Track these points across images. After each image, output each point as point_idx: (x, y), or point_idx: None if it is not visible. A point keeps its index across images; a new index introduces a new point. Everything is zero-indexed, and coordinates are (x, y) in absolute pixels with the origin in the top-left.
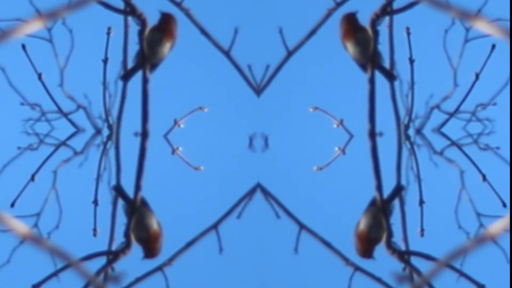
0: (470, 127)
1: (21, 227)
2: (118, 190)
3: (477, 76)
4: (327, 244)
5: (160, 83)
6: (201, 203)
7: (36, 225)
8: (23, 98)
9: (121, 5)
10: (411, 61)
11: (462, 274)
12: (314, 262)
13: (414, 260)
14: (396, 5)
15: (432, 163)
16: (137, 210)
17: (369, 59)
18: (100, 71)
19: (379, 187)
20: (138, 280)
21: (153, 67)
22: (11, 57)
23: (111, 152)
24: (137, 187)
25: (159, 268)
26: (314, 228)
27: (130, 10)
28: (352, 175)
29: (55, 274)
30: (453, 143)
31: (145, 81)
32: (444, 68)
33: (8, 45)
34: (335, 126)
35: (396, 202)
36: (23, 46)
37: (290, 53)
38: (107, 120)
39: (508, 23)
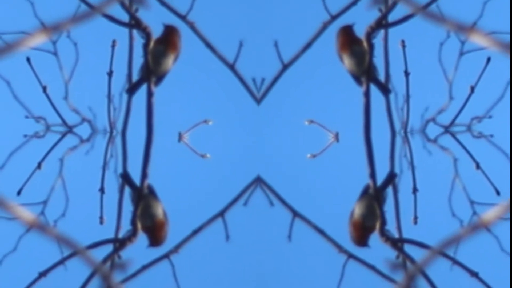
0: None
1: (28, 215)
2: (125, 178)
3: (472, 89)
4: (321, 232)
5: (165, 96)
6: (208, 190)
7: (42, 213)
8: (27, 111)
9: (126, 18)
10: (406, 74)
11: (455, 262)
12: (307, 250)
13: (408, 248)
14: (391, 18)
15: (425, 151)
16: (143, 197)
17: (365, 72)
18: (105, 84)
19: (372, 175)
20: (144, 267)
21: (158, 80)
22: (16, 70)
23: (118, 140)
24: (144, 175)
25: (166, 256)
26: (308, 216)
27: (135, 23)
28: (345, 163)
29: (61, 262)
30: (447, 130)
31: (149, 94)
32: (439, 81)
33: (12, 58)
34: (330, 139)
35: (389, 190)
36: (28, 59)
37: (285, 66)
38: (111, 133)
39: (505, 35)
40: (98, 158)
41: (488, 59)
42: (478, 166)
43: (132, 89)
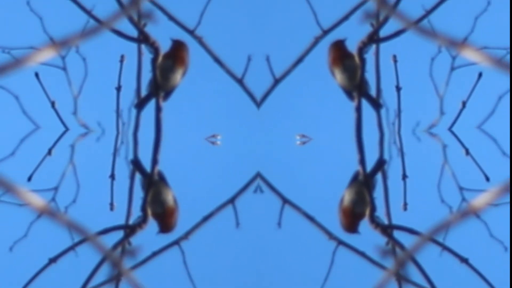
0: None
1: (38, 201)
2: (136, 164)
3: (464, 104)
4: (311, 219)
5: (173, 111)
6: (218, 177)
7: (53, 199)
8: (36, 126)
9: (134, 33)
10: (398, 89)
11: (445, 248)
12: (297, 237)
13: (397, 234)
14: (383, 33)
15: (415, 137)
16: (154, 184)
17: (356, 87)
18: (114, 99)
19: (362, 161)
20: (154, 254)
21: (167, 95)
22: (25, 85)
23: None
24: (154, 161)
25: (176, 242)
26: (297, 203)
27: (143, 38)
28: (335, 149)
29: (72, 248)
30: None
31: (158, 109)
32: (431, 96)
33: (21, 73)
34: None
35: (379, 176)
36: (36, 74)
37: (277, 81)
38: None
39: (496, 50)
40: (109, 144)
41: (480, 74)
42: (467, 153)
43: (140, 104)
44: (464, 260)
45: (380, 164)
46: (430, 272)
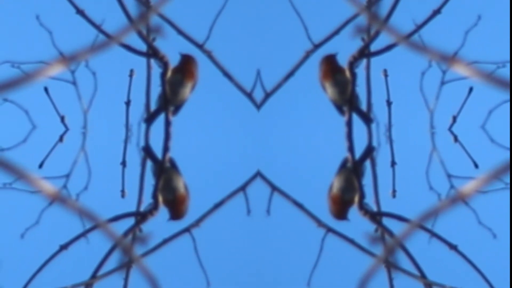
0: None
1: (50, 188)
2: (147, 151)
3: (454, 118)
4: (300, 206)
5: (183, 125)
6: (229, 165)
7: (64, 186)
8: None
9: (143, 48)
10: (389, 103)
11: (434, 234)
12: (286, 224)
13: (386, 221)
14: (373, 48)
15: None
16: (165, 171)
17: (347, 101)
18: (123, 113)
19: (350, 148)
20: (165, 241)
21: (176, 109)
22: (34, 100)
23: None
24: (166, 149)
25: (187, 230)
26: (286, 190)
27: (152, 53)
28: (324, 136)
29: (83, 234)
30: None
31: (167, 123)
32: (421, 111)
33: (31, 88)
34: None
35: (367, 163)
36: (46, 89)
37: (268, 95)
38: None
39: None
40: (120, 131)
41: (470, 89)
42: (456, 139)
43: (150, 119)
44: (453, 247)
45: (369, 151)
46: (419, 259)
